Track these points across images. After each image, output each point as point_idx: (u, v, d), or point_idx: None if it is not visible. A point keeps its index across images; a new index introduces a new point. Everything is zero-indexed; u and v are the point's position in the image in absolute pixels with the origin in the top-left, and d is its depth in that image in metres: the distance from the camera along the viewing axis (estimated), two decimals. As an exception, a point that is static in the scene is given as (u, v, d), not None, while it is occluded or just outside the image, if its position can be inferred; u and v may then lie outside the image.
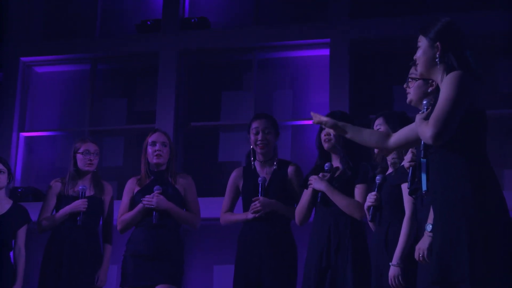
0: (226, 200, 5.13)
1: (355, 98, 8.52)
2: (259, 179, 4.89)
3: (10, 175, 5.50)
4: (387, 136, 3.33)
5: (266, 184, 4.89)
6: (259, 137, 4.96)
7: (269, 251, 4.78)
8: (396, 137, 3.29)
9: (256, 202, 4.83)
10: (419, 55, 3.18)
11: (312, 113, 3.47)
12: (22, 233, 5.41)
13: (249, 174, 5.02)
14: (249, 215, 4.86)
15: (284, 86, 9.11)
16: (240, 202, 5.10)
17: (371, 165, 4.43)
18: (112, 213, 5.46)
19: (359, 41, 8.64)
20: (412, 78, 3.76)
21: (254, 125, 5.01)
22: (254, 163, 5.02)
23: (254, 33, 8.96)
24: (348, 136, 3.31)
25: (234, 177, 5.11)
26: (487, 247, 2.81)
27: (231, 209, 5.12)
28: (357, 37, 8.61)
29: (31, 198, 8.46)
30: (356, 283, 4.36)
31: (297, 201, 4.90)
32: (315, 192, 4.61)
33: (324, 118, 3.34)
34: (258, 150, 4.98)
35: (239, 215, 5.01)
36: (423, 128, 2.97)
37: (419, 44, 3.20)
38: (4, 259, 5.32)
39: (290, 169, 4.97)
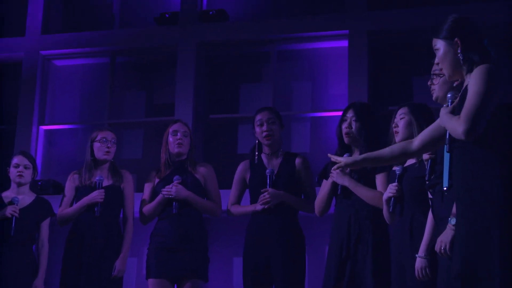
0: (233, 192, 5.12)
1: (374, 90, 8.49)
2: (267, 171, 4.89)
3: (35, 171, 5.50)
4: (409, 142, 3.32)
5: (274, 176, 4.89)
6: (264, 127, 4.95)
7: (277, 243, 4.79)
8: (420, 139, 3.27)
9: (266, 193, 4.83)
10: (441, 58, 3.13)
11: (329, 155, 3.57)
12: (45, 226, 5.42)
13: (256, 166, 5.01)
14: (258, 207, 4.86)
15: (302, 78, 9.09)
16: (247, 194, 5.11)
17: None
18: (133, 200, 5.36)
19: (378, 32, 8.60)
20: (436, 75, 3.73)
21: (258, 117, 5.01)
22: (260, 156, 5.01)
23: (272, 25, 8.94)
24: (371, 163, 3.37)
25: (241, 170, 5.11)
26: None
27: (238, 201, 5.12)
28: (376, 29, 8.57)
29: (51, 190, 8.50)
30: (375, 274, 4.36)
31: (304, 193, 4.92)
32: (335, 184, 4.61)
33: (341, 160, 3.39)
34: (264, 142, 4.98)
35: (248, 207, 4.99)
36: (453, 124, 2.93)
37: (436, 47, 3.15)
38: (27, 252, 5.33)
39: (298, 161, 4.97)
